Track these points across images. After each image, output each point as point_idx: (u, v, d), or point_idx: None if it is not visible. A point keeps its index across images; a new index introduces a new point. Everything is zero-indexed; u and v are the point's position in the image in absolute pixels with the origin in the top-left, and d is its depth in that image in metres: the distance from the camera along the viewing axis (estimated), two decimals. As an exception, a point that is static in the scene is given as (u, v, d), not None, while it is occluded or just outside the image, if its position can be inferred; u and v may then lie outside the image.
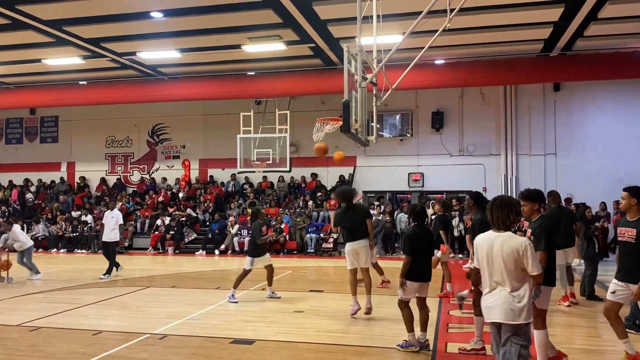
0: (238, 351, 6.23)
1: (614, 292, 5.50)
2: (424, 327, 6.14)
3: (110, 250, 12.21)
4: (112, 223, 12.07)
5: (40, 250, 18.95)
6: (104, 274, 11.98)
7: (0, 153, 24.10)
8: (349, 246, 7.97)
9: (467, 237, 10.39)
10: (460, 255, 16.02)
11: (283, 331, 7.17)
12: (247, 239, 17.23)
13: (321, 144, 9.46)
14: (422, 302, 6.19)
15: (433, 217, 10.43)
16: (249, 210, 18.66)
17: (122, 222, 12.64)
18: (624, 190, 5.51)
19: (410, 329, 6.11)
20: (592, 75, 16.46)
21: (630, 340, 5.52)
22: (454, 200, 16.18)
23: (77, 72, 18.96)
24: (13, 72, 19.03)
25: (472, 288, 5.43)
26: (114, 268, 12.20)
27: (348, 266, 8.00)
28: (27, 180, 23.27)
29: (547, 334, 5.20)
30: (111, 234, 12.09)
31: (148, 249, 18.49)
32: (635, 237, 5.35)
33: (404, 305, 6.16)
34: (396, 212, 17.76)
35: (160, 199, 20.43)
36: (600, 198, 16.75)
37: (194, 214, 19.55)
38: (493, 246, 4.04)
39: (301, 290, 10.46)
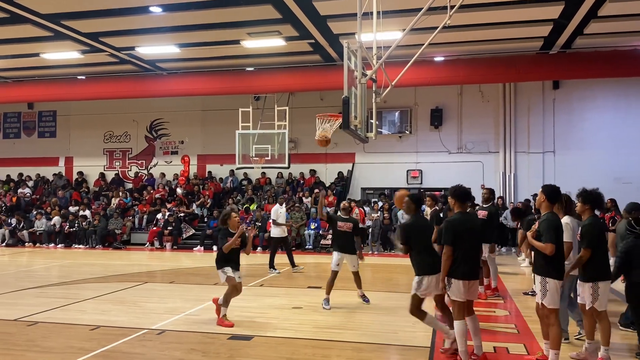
0: (236, 347, 6.24)
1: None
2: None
3: (289, 246, 12.65)
4: (282, 218, 12.47)
5: (37, 245, 18.95)
6: (296, 268, 12.21)
7: (-3, 147, 24.05)
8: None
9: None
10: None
11: (281, 327, 7.17)
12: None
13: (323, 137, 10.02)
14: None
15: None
16: (252, 207, 18.63)
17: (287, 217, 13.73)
18: (541, 187, 5.65)
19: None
20: (592, 73, 16.43)
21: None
22: (449, 199, 15.96)
23: (76, 66, 18.90)
24: (11, 66, 18.97)
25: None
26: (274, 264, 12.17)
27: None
28: (20, 175, 23.19)
29: (465, 325, 5.45)
30: (281, 229, 12.36)
31: (146, 244, 18.46)
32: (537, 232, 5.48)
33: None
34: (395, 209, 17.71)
35: (158, 195, 20.35)
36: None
37: (194, 210, 19.53)
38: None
39: (299, 287, 10.47)
